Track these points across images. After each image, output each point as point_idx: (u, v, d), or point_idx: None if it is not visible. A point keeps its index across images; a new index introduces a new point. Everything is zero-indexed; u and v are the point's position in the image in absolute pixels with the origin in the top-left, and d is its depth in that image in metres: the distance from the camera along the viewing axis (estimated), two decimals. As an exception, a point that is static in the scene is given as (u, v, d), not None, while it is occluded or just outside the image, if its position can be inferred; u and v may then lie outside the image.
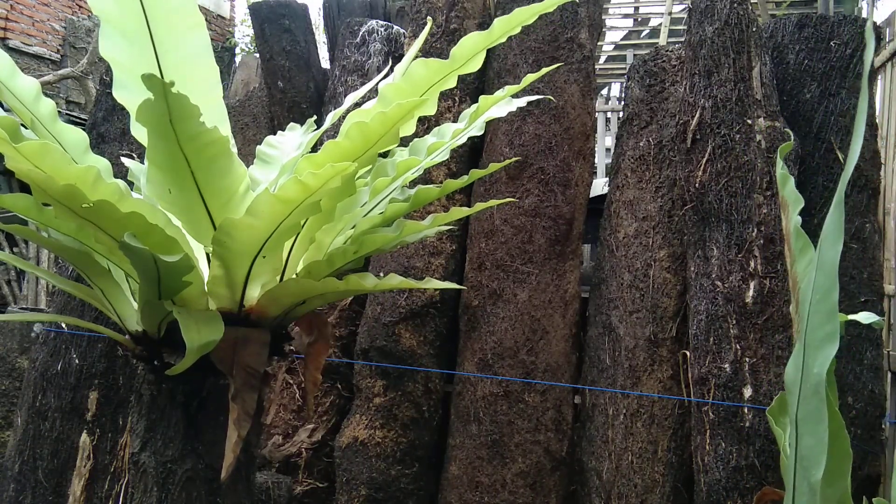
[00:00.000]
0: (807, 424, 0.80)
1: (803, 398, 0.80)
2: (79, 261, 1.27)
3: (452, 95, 2.62)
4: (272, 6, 3.32)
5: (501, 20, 1.28)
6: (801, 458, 0.82)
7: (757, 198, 2.16)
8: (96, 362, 2.32)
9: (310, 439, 2.64)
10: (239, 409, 1.22)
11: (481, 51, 1.30)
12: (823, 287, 0.76)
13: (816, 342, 0.77)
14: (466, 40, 1.28)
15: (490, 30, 1.28)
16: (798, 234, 0.88)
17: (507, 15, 1.29)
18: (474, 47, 1.29)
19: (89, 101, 6.45)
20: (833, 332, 0.76)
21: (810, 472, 0.80)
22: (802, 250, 0.86)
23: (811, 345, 0.78)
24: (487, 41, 1.29)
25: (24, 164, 1.04)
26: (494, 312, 2.45)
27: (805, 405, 0.80)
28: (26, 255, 5.41)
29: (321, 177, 1.07)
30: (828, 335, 0.76)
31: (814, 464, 0.79)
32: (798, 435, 0.82)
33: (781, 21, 2.48)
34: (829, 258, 0.74)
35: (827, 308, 0.76)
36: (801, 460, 0.81)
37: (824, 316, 0.76)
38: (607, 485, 2.32)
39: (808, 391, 0.79)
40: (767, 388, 2.04)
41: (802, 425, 0.81)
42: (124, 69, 1.30)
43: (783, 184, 0.96)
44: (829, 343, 0.76)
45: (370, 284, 1.37)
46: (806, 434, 0.81)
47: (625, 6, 7.89)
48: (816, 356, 0.77)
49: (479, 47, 1.29)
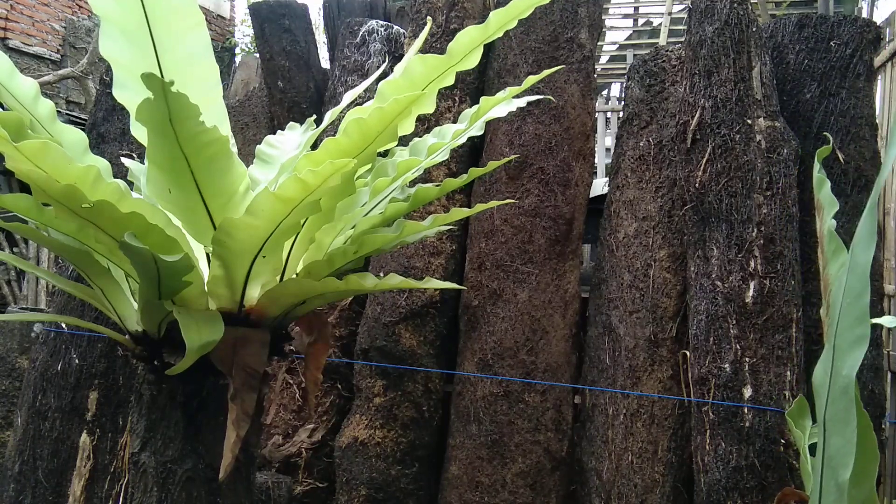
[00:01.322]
0: (835, 425, 0.81)
1: (832, 400, 0.81)
2: (79, 260, 1.27)
3: (452, 96, 2.62)
4: (272, 6, 3.32)
5: (497, 13, 1.28)
6: (828, 458, 0.82)
7: (757, 198, 2.15)
8: (96, 362, 2.32)
9: (310, 439, 2.64)
10: (238, 409, 1.22)
11: (478, 46, 1.29)
12: (855, 290, 0.77)
13: (847, 344, 0.78)
14: (463, 35, 1.27)
15: (486, 23, 1.28)
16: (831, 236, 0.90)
17: (503, 7, 1.28)
18: (471, 42, 1.28)
19: (89, 101, 6.45)
20: (863, 334, 0.77)
21: (838, 472, 0.80)
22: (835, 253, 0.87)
23: (841, 347, 0.79)
24: (484, 35, 1.29)
25: (24, 164, 1.03)
26: (494, 312, 2.45)
27: (834, 406, 0.81)
28: (26, 255, 5.41)
29: (320, 174, 1.07)
30: (858, 338, 0.77)
31: (842, 464, 0.79)
32: (826, 435, 0.83)
33: (781, 21, 2.48)
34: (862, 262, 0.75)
35: (858, 310, 0.77)
36: (829, 460, 0.82)
37: (855, 318, 0.78)
38: (607, 485, 2.32)
39: (837, 392, 0.79)
40: (767, 388, 2.04)
41: (831, 426, 0.82)
42: (124, 68, 1.30)
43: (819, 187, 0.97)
44: (859, 345, 0.77)
45: (370, 284, 1.37)
46: (834, 434, 0.81)
47: (625, 6, 7.90)
48: (846, 358, 0.78)
49: (476, 42, 1.29)
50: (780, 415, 2.01)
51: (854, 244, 0.76)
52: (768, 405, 2.02)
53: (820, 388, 0.83)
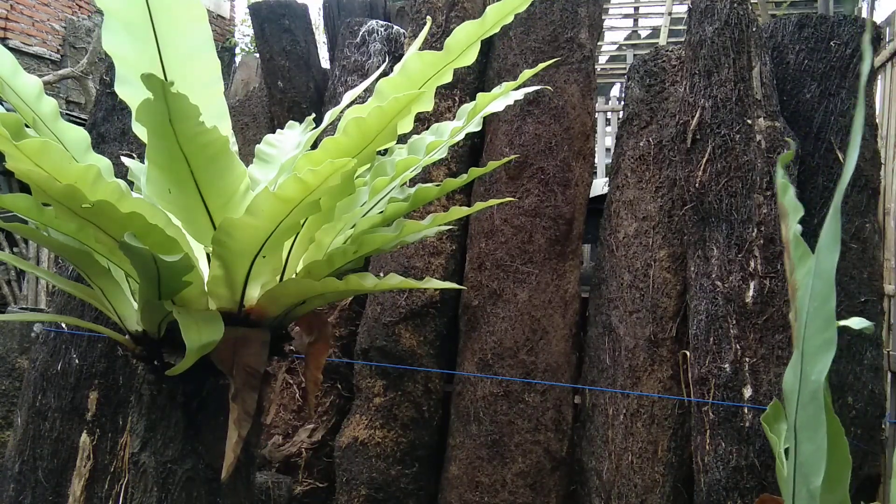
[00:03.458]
0: (805, 431, 0.81)
1: (802, 405, 0.80)
2: (79, 260, 1.27)
3: (452, 96, 2.62)
4: (272, 6, 3.32)
5: (494, 7, 1.28)
6: (800, 464, 0.82)
7: (757, 198, 2.15)
8: (96, 362, 2.32)
9: (310, 439, 2.64)
10: (239, 409, 1.22)
11: (476, 41, 1.29)
12: (821, 294, 0.76)
13: (814, 349, 0.78)
14: (460, 31, 1.27)
15: (483, 18, 1.27)
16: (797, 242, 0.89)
17: (500, 2, 1.28)
18: (468, 37, 1.28)
19: (89, 101, 6.45)
20: (831, 338, 0.76)
21: (809, 478, 0.80)
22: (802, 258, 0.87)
23: (809, 352, 0.78)
24: (481, 30, 1.28)
25: (25, 164, 1.03)
26: (494, 312, 2.45)
27: (804, 412, 0.80)
28: (26, 255, 5.41)
29: (320, 174, 1.07)
30: (825, 342, 0.76)
31: (813, 470, 0.79)
32: (797, 442, 0.82)
33: (781, 21, 2.48)
34: (827, 265, 0.74)
35: (825, 315, 0.77)
36: (801, 467, 0.82)
37: (822, 323, 0.77)
38: (607, 485, 2.32)
39: (807, 398, 0.79)
40: (767, 388, 2.04)
41: (801, 432, 0.81)
42: (127, 64, 1.30)
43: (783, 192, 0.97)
44: (827, 350, 0.76)
45: (370, 284, 1.37)
46: (805, 441, 0.81)
47: (625, 6, 7.90)
48: (815, 363, 0.77)
49: (472, 37, 1.28)
50: (780, 415, 2.01)
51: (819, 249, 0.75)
52: (768, 405, 2.02)
53: (790, 394, 0.83)
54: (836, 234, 0.74)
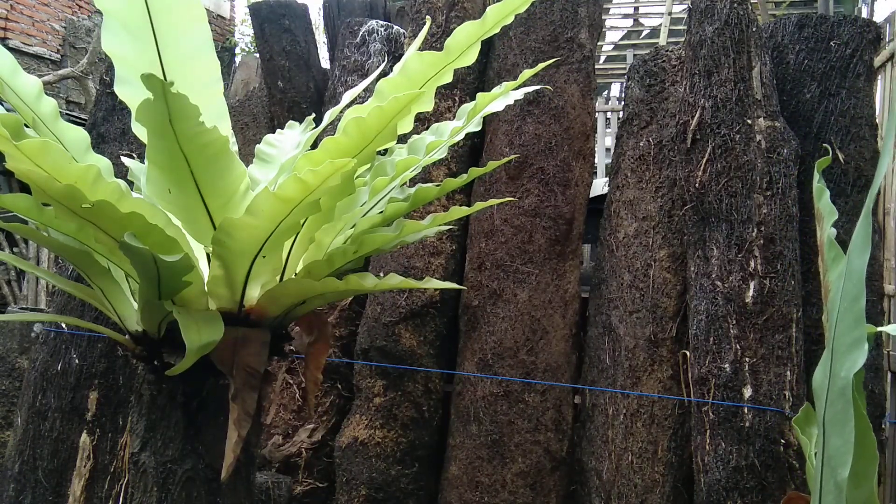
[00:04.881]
0: (834, 426, 0.83)
1: (830, 401, 0.83)
2: (79, 260, 1.27)
3: (452, 96, 2.62)
4: (272, 6, 3.32)
5: (494, 8, 1.28)
6: (828, 458, 0.84)
7: (757, 198, 2.16)
8: (96, 362, 2.32)
9: (310, 439, 2.64)
10: (239, 409, 1.22)
11: (476, 41, 1.29)
12: (851, 294, 0.80)
13: (844, 347, 0.81)
14: (460, 31, 1.27)
15: (483, 18, 1.28)
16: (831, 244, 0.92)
17: (500, 2, 1.28)
18: (468, 38, 1.28)
19: (89, 101, 6.45)
20: (860, 337, 0.80)
21: (837, 471, 0.82)
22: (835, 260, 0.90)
23: (839, 350, 0.81)
24: (481, 30, 1.29)
25: (25, 164, 1.03)
26: (494, 312, 2.45)
27: (832, 408, 0.83)
28: (26, 255, 5.41)
29: (320, 174, 1.07)
30: (855, 340, 0.80)
31: (840, 464, 0.82)
32: (825, 436, 0.85)
33: (781, 21, 2.48)
34: (857, 267, 0.78)
35: (855, 314, 0.80)
36: (828, 460, 0.84)
37: (852, 322, 0.80)
38: (607, 485, 2.32)
39: (836, 394, 0.82)
40: (767, 388, 2.04)
41: (830, 427, 0.84)
42: (126, 64, 1.30)
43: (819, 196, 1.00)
44: (857, 348, 0.80)
45: (370, 284, 1.37)
46: (833, 435, 0.84)
47: (625, 6, 7.89)
48: (844, 361, 0.81)
49: (473, 37, 1.29)
50: (780, 415, 2.01)
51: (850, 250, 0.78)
52: (768, 405, 2.02)
53: (819, 391, 0.86)
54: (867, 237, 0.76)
